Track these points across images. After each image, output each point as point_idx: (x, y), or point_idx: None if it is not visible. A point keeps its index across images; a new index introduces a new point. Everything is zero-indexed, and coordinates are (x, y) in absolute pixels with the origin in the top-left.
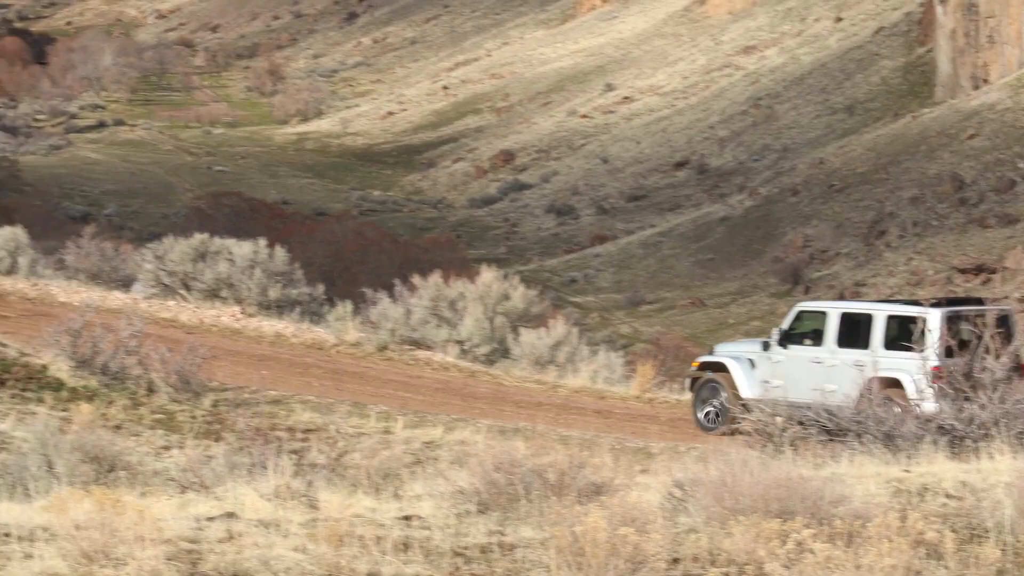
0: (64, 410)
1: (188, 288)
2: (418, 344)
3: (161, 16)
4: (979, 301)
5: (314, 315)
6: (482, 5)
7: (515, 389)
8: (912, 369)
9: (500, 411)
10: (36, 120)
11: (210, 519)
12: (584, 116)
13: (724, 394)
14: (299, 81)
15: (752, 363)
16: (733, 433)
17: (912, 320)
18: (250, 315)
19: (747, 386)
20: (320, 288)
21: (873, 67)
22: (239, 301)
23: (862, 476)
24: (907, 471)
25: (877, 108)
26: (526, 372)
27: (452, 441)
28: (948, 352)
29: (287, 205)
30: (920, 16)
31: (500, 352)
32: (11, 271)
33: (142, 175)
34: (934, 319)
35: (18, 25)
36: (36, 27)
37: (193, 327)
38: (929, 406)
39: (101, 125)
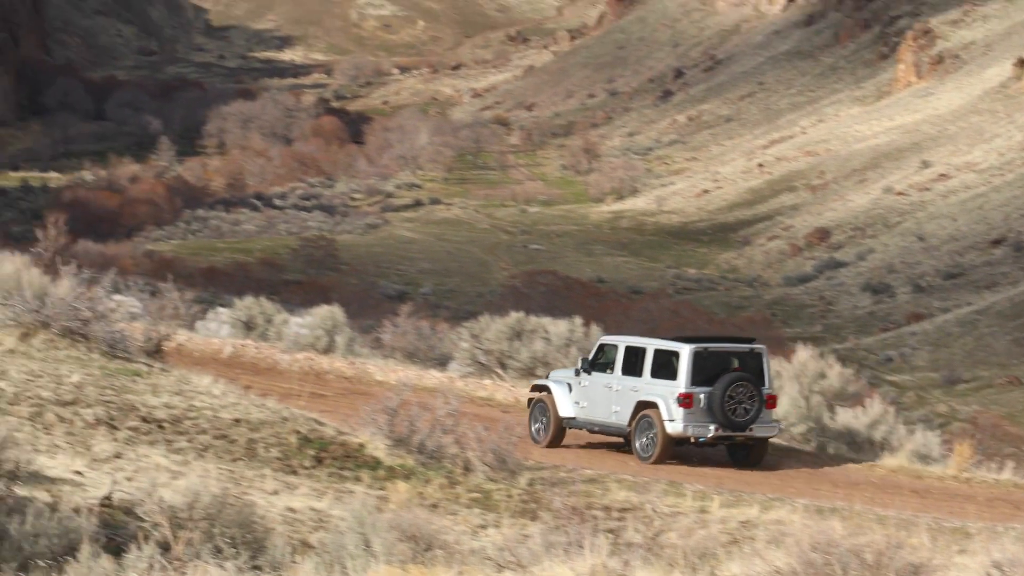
0: (381, 488)
1: (504, 366)
2: None
3: (476, 95)
4: (740, 341)
5: None
6: (797, 83)
7: (831, 468)
8: (666, 394)
9: (816, 490)
10: (353, 199)
11: None
12: (900, 193)
13: (549, 412)
14: (614, 159)
15: (570, 387)
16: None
17: (671, 353)
18: None
19: (564, 406)
20: None
21: None
22: None
23: None
24: None
25: None
26: (842, 451)
27: (768, 520)
28: (697, 381)
29: (602, 283)
30: None
31: (816, 431)
32: (328, 349)
33: (458, 254)
34: (685, 353)
35: (335, 104)
36: (352, 106)
37: (509, 405)
38: (677, 425)
39: (417, 204)
